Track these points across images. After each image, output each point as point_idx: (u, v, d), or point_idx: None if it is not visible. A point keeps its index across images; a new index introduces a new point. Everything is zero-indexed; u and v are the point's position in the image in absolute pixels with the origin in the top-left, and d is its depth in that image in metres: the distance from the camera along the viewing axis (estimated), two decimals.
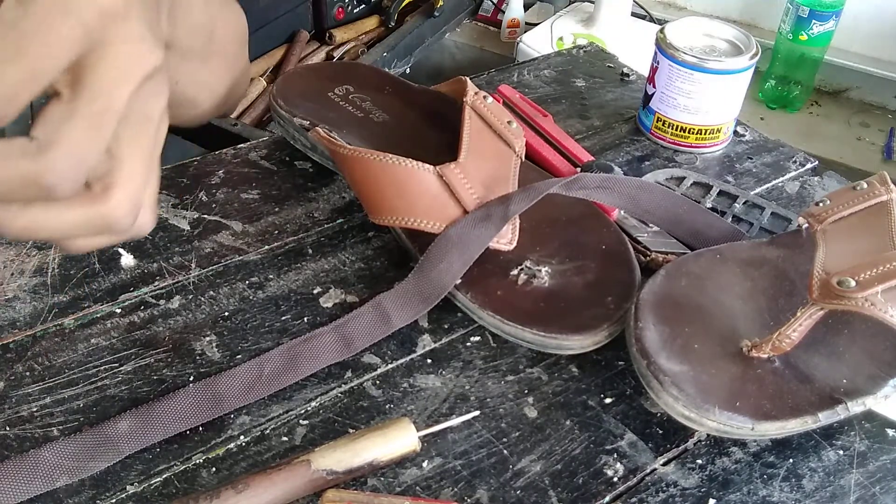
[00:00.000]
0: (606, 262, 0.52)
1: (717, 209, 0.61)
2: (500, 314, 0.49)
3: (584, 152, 0.64)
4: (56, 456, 0.41)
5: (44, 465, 0.41)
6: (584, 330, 0.48)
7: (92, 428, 0.43)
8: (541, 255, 0.52)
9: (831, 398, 0.43)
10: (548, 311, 0.49)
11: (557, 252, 0.53)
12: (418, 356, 0.49)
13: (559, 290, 0.51)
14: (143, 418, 0.43)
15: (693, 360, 0.44)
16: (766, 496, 0.42)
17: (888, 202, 0.48)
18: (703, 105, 0.66)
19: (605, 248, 0.53)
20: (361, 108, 0.64)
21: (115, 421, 0.43)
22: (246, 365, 0.46)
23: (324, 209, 0.60)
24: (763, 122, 1.58)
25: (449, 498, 0.41)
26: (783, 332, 0.44)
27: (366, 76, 0.67)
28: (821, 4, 1.45)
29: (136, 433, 0.43)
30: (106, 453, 0.42)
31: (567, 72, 0.80)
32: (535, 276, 0.51)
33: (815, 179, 0.67)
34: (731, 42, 0.68)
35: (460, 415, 0.45)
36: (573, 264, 0.52)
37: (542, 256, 0.52)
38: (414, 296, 0.50)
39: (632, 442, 0.45)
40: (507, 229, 0.52)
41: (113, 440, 0.42)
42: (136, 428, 0.43)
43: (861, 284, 0.42)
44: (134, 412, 0.44)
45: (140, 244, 0.55)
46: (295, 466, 0.40)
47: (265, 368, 0.46)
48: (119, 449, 0.42)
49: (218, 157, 0.64)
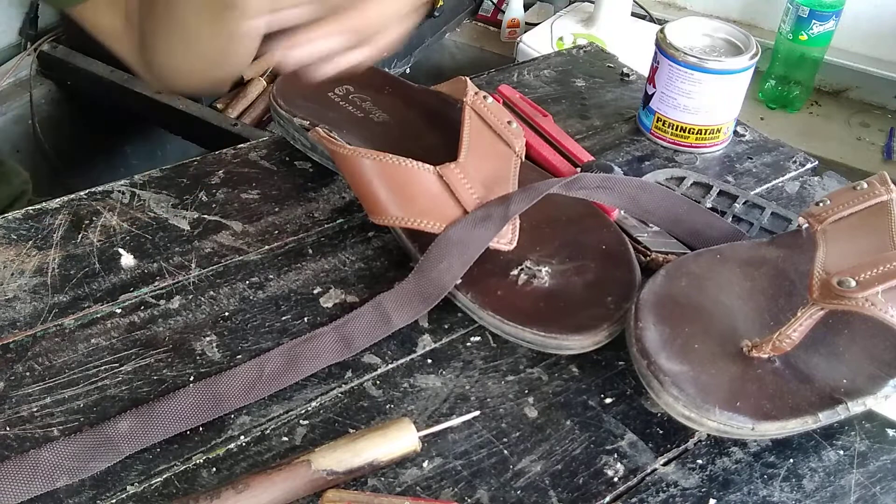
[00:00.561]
0: (606, 262, 0.52)
1: (717, 209, 0.61)
2: (500, 314, 0.49)
3: (584, 152, 0.64)
4: (56, 456, 0.41)
5: (44, 466, 0.41)
6: (584, 330, 0.48)
7: (92, 428, 0.43)
8: (541, 255, 0.52)
9: (831, 398, 0.43)
10: (548, 311, 0.49)
11: (557, 252, 0.53)
12: (418, 356, 0.49)
13: (559, 290, 0.51)
14: (143, 418, 0.43)
15: (693, 360, 0.44)
16: (767, 496, 0.42)
17: (888, 202, 0.48)
18: (703, 105, 0.66)
19: (606, 248, 0.53)
20: (361, 108, 0.64)
21: (115, 421, 0.43)
22: (246, 365, 0.46)
23: (324, 209, 0.60)
24: (763, 122, 1.58)
25: (449, 498, 0.41)
26: (783, 332, 0.44)
27: (366, 76, 0.67)
28: (821, 4, 1.45)
29: (136, 433, 0.43)
30: (106, 453, 0.42)
31: (567, 72, 0.80)
32: (535, 276, 0.51)
33: (815, 179, 0.67)
34: (731, 42, 0.68)
35: (460, 415, 0.45)
36: (573, 264, 0.52)
37: (543, 256, 0.52)
38: (414, 296, 0.50)
39: (632, 442, 0.45)
40: (507, 229, 0.52)
41: (113, 440, 0.42)
42: (136, 428, 0.43)
43: (861, 284, 0.42)
44: (134, 412, 0.44)
45: (140, 244, 0.55)
46: (295, 466, 0.40)
47: (265, 368, 0.46)
48: (119, 449, 0.42)
49: (218, 157, 0.64)
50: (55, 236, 0.56)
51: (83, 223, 0.57)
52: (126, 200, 0.59)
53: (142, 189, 0.60)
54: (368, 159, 0.51)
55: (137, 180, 0.61)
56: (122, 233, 0.56)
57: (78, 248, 0.55)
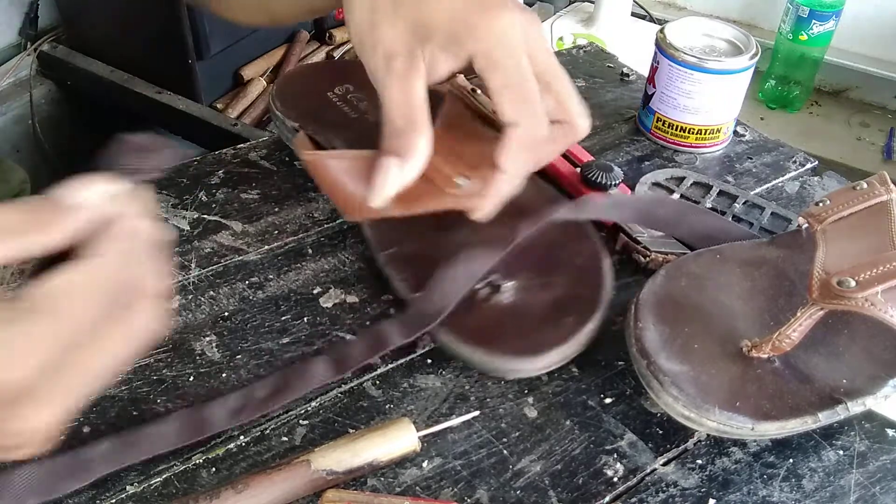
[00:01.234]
0: (577, 279, 0.50)
1: (717, 209, 0.61)
2: (453, 331, 0.47)
3: (584, 152, 0.64)
4: (28, 479, 0.39)
5: (13, 488, 0.39)
6: (532, 353, 0.46)
7: (69, 451, 0.41)
8: (512, 269, 0.50)
9: (831, 398, 0.43)
10: (499, 330, 0.48)
11: (530, 266, 0.51)
12: (418, 356, 0.49)
13: (520, 307, 0.49)
14: (125, 444, 0.42)
15: (693, 360, 0.44)
16: (766, 496, 0.42)
17: (888, 202, 0.48)
18: (703, 105, 0.66)
19: (580, 263, 0.51)
20: (357, 108, 0.64)
21: (94, 445, 0.41)
22: (235, 393, 0.45)
23: (324, 209, 0.60)
24: (763, 122, 1.58)
25: (449, 498, 0.41)
26: (783, 332, 0.44)
27: (365, 75, 0.67)
28: (821, 4, 1.45)
29: (113, 457, 0.41)
30: (80, 474, 0.40)
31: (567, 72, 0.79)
32: (497, 292, 0.49)
33: (815, 179, 0.67)
34: (731, 42, 0.68)
35: (460, 415, 0.45)
36: (542, 280, 0.50)
37: (514, 270, 0.50)
38: (415, 322, 0.48)
39: (632, 442, 0.45)
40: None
41: (89, 463, 0.41)
42: (115, 451, 0.41)
43: (861, 284, 0.42)
44: (116, 438, 0.42)
45: None
46: (295, 466, 0.40)
47: (254, 394, 0.45)
48: (94, 470, 0.41)
49: (218, 157, 0.64)
50: None
51: None
52: None
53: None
54: (332, 160, 0.49)
55: None
56: None
57: None
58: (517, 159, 0.45)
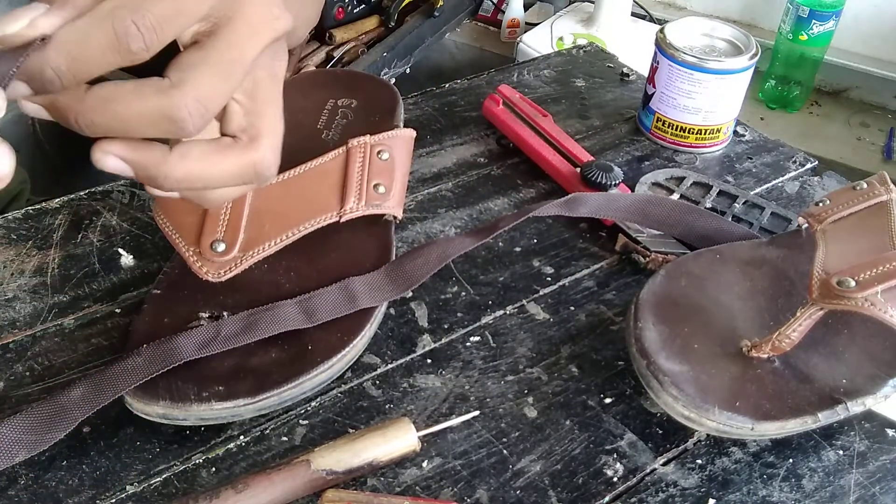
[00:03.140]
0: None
1: (717, 209, 0.61)
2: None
3: (584, 152, 0.64)
4: (14, 431, 0.40)
5: (3, 442, 0.40)
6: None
7: (46, 401, 0.42)
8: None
9: (831, 398, 0.43)
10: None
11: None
12: (418, 356, 0.49)
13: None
14: (95, 382, 0.42)
15: (693, 360, 0.44)
16: (766, 496, 0.42)
17: (888, 202, 0.48)
18: (703, 105, 0.66)
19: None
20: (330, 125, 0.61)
21: (68, 389, 0.42)
22: (205, 327, 0.46)
23: None
24: (763, 122, 1.58)
25: (449, 498, 0.41)
26: (783, 332, 0.44)
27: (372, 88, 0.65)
28: (821, 4, 1.45)
29: (88, 398, 0.42)
30: (60, 423, 0.41)
31: (567, 72, 0.80)
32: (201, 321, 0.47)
33: (815, 179, 0.67)
34: (731, 42, 0.68)
35: (460, 415, 0.45)
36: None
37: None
38: (384, 282, 0.50)
39: (632, 442, 0.45)
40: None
41: (66, 408, 0.41)
42: (89, 393, 0.42)
43: (861, 284, 0.42)
44: (87, 378, 0.43)
45: (140, 244, 0.55)
46: (295, 466, 0.40)
47: (222, 330, 0.45)
48: (72, 416, 0.41)
49: None
50: (55, 236, 0.56)
51: (83, 223, 0.57)
52: (126, 200, 0.59)
53: (142, 189, 0.60)
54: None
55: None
56: (121, 233, 0.56)
57: (78, 248, 0.55)
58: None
